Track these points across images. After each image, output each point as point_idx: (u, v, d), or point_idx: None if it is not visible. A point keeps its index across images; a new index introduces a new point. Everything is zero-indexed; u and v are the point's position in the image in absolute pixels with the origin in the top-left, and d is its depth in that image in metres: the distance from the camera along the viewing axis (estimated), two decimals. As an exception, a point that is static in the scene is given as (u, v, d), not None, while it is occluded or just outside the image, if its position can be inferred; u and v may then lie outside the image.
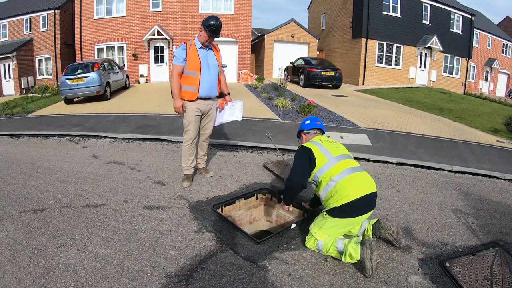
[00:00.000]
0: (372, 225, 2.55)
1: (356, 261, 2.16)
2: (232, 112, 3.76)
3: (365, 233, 2.56)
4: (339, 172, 2.34)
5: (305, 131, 2.82)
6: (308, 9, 23.75)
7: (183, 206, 3.10)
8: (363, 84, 16.15)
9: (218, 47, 3.67)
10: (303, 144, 2.58)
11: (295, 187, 2.50)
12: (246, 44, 16.20)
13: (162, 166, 4.28)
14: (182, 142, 3.75)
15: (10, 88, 16.92)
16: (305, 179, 2.48)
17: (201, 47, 3.41)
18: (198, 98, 3.49)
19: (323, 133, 2.82)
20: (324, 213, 2.37)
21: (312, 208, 2.94)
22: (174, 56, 3.43)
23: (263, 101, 9.61)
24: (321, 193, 2.43)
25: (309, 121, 2.84)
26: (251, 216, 3.42)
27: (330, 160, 2.40)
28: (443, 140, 6.45)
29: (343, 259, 2.20)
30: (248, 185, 3.65)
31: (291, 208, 2.89)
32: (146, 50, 15.82)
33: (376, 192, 2.37)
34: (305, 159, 2.45)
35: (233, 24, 15.98)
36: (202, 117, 3.69)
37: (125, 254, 2.33)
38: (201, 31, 3.35)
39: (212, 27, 3.27)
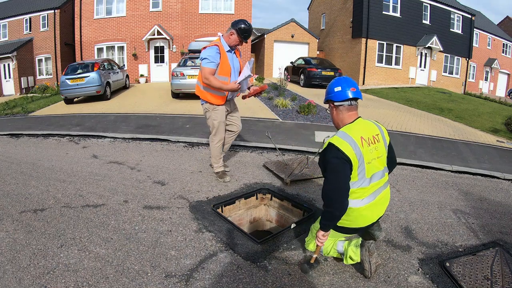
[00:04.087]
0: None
1: (356, 262, 2.14)
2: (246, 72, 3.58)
3: None
4: (362, 198, 1.94)
5: (335, 103, 2.01)
6: (308, 9, 23.74)
7: (183, 206, 3.10)
8: (363, 84, 16.15)
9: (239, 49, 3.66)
10: (339, 144, 1.85)
11: (342, 209, 1.89)
12: (246, 44, 16.18)
13: (162, 166, 4.28)
14: (182, 142, 3.76)
15: (10, 88, 16.92)
16: (348, 193, 1.91)
17: (228, 50, 3.39)
18: (226, 101, 3.54)
19: (357, 99, 2.03)
20: None
21: None
22: (205, 58, 3.26)
23: (263, 101, 9.61)
24: None
25: (339, 88, 1.97)
26: (251, 216, 3.42)
27: (360, 180, 1.90)
28: (443, 140, 6.45)
29: (344, 261, 2.16)
30: (248, 185, 3.65)
31: (325, 239, 2.06)
32: (146, 50, 15.82)
33: (383, 214, 2.16)
34: (346, 169, 1.86)
35: (233, 24, 15.97)
36: (227, 114, 3.71)
37: (125, 254, 2.33)
38: (231, 34, 3.31)
39: (245, 32, 3.27)
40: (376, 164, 1.96)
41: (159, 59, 16.17)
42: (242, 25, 3.24)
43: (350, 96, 1.96)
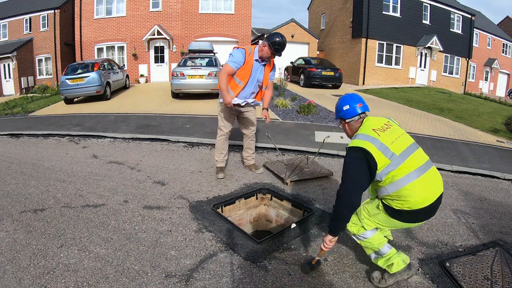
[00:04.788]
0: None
1: (381, 268, 2.05)
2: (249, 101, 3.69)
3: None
4: (405, 174, 1.86)
5: (346, 120, 2.10)
6: (308, 9, 23.74)
7: (183, 206, 3.10)
8: (363, 84, 16.15)
9: (274, 63, 3.68)
10: (354, 144, 1.92)
11: (350, 207, 1.90)
12: (246, 44, 16.18)
13: (162, 166, 4.28)
14: (182, 142, 3.79)
15: (10, 88, 16.91)
16: (362, 192, 1.91)
17: (257, 60, 3.43)
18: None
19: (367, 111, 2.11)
20: (380, 204, 1.99)
21: None
22: (230, 55, 3.42)
23: (263, 101, 9.60)
24: (377, 191, 2.01)
25: (348, 106, 2.06)
26: (251, 216, 3.42)
27: (393, 161, 1.86)
28: (443, 140, 6.45)
29: (377, 261, 2.05)
30: (248, 185, 3.65)
31: (331, 244, 2.02)
32: (146, 50, 15.82)
33: (442, 192, 1.97)
34: (363, 166, 1.86)
35: (233, 24, 15.97)
36: (239, 115, 3.83)
37: (125, 254, 2.33)
38: (264, 46, 3.35)
39: (277, 45, 3.27)
40: (400, 143, 1.94)
41: (159, 59, 16.16)
42: (277, 39, 3.26)
43: (359, 111, 2.06)
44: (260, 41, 3.53)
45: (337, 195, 1.94)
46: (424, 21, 17.31)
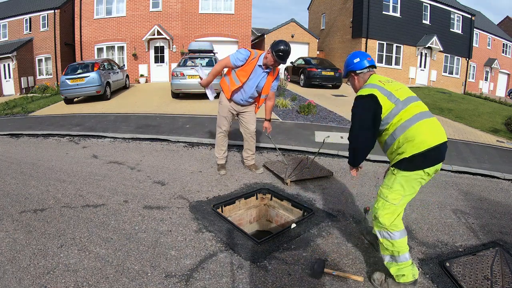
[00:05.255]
0: (373, 233, 2.16)
1: (388, 272, 2.02)
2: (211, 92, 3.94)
3: None
4: (410, 116, 1.97)
5: (357, 72, 2.24)
6: (308, 9, 23.74)
7: (183, 206, 3.10)
8: (363, 84, 16.13)
9: (279, 71, 3.74)
10: (362, 92, 2.09)
11: (360, 145, 2.09)
12: (246, 44, 16.17)
13: (162, 166, 4.28)
14: (182, 142, 3.80)
15: (10, 88, 16.91)
16: (371, 133, 2.04)
17: (260, 65, 3.47)
18: (230, 99, 3.71)
19: (375, 67, 2.28)
20: (392, 168, 2.03)
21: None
22: (237, 51, 3.55)
23: (263, 101, 9.60)
24: (387, 140, 2.06)
25: (358, 59, 2.24)
26: (251, 216, 3.42)
27: (398, 105, 1.99)
28: (443, 140, 6.44)
29: (390, 266, 2.00)
30: (248, 185, 3.65)
31: (355, 173, 2.31)
32: (146, 50, 15.82)
33: (447, 141, 2.04)
34: (369, 109, 2.00)
35: (233, 24, 15.97)
36: (237, 115, 3.89)
37: (125, 254, 2.33)
38: (268, 53, 3.37)
39: (280, 52, 3.28)
40: (404, 91, 2.09)
41: (159, 59, 16.17)
42: (281, 47, 3.28)
43: (367, 64, 2.23)
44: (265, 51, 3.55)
45: (349, 136, 2.17)
46: (424, 21, 17.31)
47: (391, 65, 16.91)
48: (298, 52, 17.69)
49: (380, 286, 2.04)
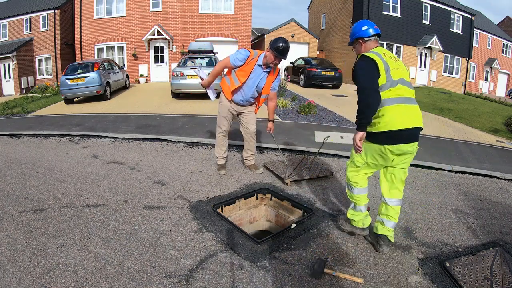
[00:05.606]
0: (374, 232, 2.47)
1: (351, 218, 2.58)
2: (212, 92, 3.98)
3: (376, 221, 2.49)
4: (393, 96, 2.16)
5: (365, 38, 2.35)
6: (308, 9, 23.74)
7: (183, 206, 3.10)
8: (363, 84, 16.13)
9: (279, 71, 3.75)
10: (367, 53, 2.22)
11: (372, 100, 2.12)
12: (246, 44, 16.18)
13: (162, 166, 4.28)
14: (182, 142, 3.81)
15: (10, 88, 16.91)
16: (378, 88, 2.15)
17: (260, 65, 3.47)
18: (231, 100, 3.70)
19: (380, 36, 2.40)
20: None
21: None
22: (236, 51, 3.57)
23: (263, 101, 9.60)
24: None
25: (366, 27, 2.35)
26: (251, 216, 3.42)
27: (388, 82, 2.16)
28: (443, 140, 6.45)
29: (348, 210, 2.60)
30: (248, 185, 3.65)
31: (360, 143, 2.24)
32: (146, 50, 15.82)
33: (421, 128, 2.24)
34: (372, 68, 2.15)
35: (233, 24, 15.97)
36: (238, 115, 3.88)
37: (125, 254, 2.33)
38: (267, 52, 3.38)
39: (279, 47, 3.28)
40: (400, 72, 2.23)
41: (159, 59, 16.17)
42: (280, 43, 3.29)
43: (373, 32, 2.35)
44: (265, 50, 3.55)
45: (358, 96, 2.18)
46: (424, 21, 17.31)
47: (391, 65, 16.90)
48: (298, 52, 17.70)
49: (340, 224, 2.69)
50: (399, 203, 2.40)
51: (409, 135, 2.18)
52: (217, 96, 3.89)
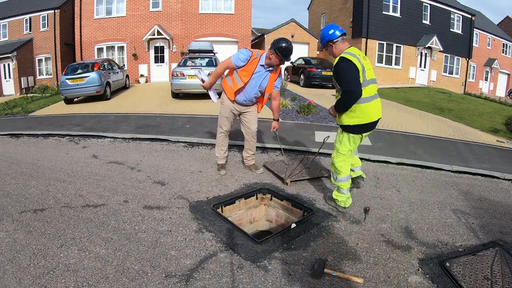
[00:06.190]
0: (353, 178, 3.35)
1: (335, 198, 3.05)
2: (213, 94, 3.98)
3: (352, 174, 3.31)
4: (367, 95, 2.68)
5: (334, 40, 2.76)
6: (308, 9, 23.76)
7: (183, 206, 3.10)
8: (363, 84, 16.13)
9: (281, 69, 3.73)
10: (346, 56, 2.63)
11: (353, 97, 2.63)
12: (246, 44, 16.18)
13: (162, 166, 4.28)
14: (182, 142, 3.81)
15: (10, 88, 16.92)
16: (359, 86, 2.62)
17: (262, 65, 3.45)
18: (234, 101, 3.68)
19: (345, 35, 2.81)
20: (340, 130, 2.91)
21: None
22: (238, 51, 3.54)
23: (263, 101, 9.59)
24: None
25: (332, 30, 2.76)
26: (251, 216, 3.42)
27: (364, 82, 2.63)
28: (443, 140, 6.45)
29: (333, 191, 3.09)
30: (248, 185, 3.65)
31: (334, 114, 2.94)
32: (146, 50, 15.83)
33: (381, 117, 2.90)
34: (355, 70, 2.59)
35: (233, 24, 15.98)
36: (239, 115, 3.87)
37: (125, 254, 2.33)
38: (271, 54, 3.34)
39: (284, 51, 3.27)
40: (372, 72, 2.74)
41: (159, 59, 16.17)
42: (283, 44, 3.26)
43: (340, 33, 2.76)
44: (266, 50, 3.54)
45: (345, 92, 2.63)
46: (424, 21, 17.31)
47: (391, 65, 16.92)
48: (298, 52, 17.70)
49: (326, 200, 3.21)
50: (357, 154, 3.46)
51: (375, 123, 2.89)
52: (219, 97, 3.88)
